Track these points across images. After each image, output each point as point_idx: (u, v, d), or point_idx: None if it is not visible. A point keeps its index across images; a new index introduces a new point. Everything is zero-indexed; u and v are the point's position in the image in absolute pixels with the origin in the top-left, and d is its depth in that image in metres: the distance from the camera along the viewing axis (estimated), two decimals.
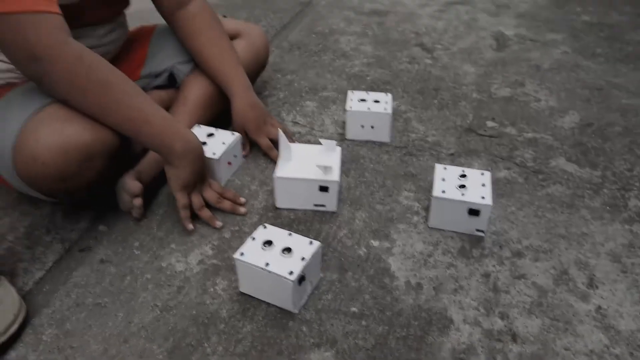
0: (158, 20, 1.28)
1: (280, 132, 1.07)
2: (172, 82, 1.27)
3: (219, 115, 1.25)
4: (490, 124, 1.38)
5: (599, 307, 0.90)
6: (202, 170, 1.03)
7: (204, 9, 1.22)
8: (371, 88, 1.54)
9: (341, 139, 1.31)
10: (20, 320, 0.84)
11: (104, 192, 1.05)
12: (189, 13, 1.20)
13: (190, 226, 1.03)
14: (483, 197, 1.00)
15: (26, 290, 0.93)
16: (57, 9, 0.88)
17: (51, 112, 0.91)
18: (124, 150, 1.01)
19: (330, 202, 1.07)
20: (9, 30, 0.84)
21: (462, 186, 1.02)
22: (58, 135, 0.89)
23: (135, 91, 0.96)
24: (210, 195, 1.05)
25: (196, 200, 1.03)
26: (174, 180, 1.01)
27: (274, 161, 1.20)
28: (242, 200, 1.10)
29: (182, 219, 1.04)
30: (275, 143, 1.21)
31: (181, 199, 1.02)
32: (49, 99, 0.93)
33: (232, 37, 1.29)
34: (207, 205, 1.05)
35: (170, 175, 1.00)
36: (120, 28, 1.18)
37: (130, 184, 1.03)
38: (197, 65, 1.23)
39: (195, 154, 1.00)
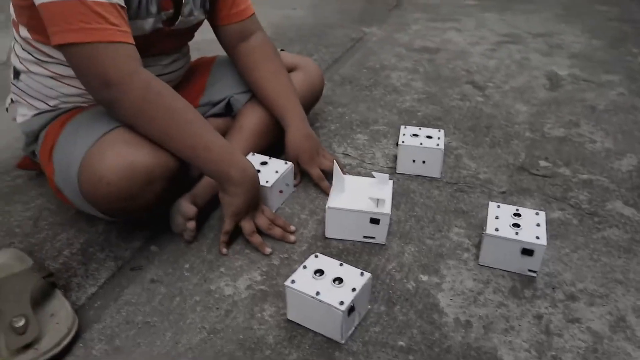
0: (214, 51, 1.34)
1: (335, 163, 1.09)
2: (228, 111, 1.30)
3: (273, 144, 1.28)
4: (543, 163, 1.36)
5: None
6: (255, 199, 1.05)
7: (265, 42, 1.26)
8: (422, 123, 1.55)
9: (391, 172, 1.31)
10: (72, 333, 0.86)
11: (158, 213, 1.08)
12: (250, 46, 1.24)
13: (225, 250, 1.05)
14: (538, 237, 0.98)
15: (79, 304, 0.95)
16: (131, 40, 0.93)
17: (117, 136, 0.95)
18: (182, 173, 1.04)
19: (380, 234, 1.07)
20: (87, 58, 0.90)
21: (516, 225, 1.01)
22: (123, 157, 0.92)
23: (197, 119, 0.99)
24: (262, 221, 1.07)
25: (247, 225, 1.05)
26: (227, 206, 1.03)
27: (324, 192, 1.21)
28: (292, 228, 1.11)
29: (220, 242, 1.06)
30: (326, 174, 1.23)
31: (227, 224, 1.04)
32: (115, 123, 0.97)
33: (290, 69, 1.32)
34: (258, 231, 1.07)
35: (224, 202, 1.03)
36: (183, 58, 1.23)
37: (186, 207, 1.06)
38: (255, 95, 1.27)
39: (250, 183, 1.02)
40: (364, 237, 1.08)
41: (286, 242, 1.09)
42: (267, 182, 1.13)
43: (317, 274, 0.89)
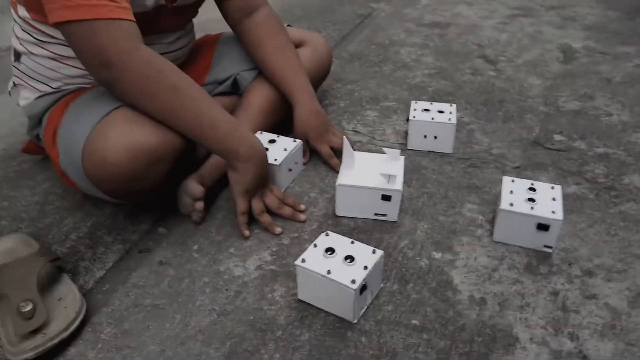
0: (219, 31, 1.30)
1: (345, 139, 1.06)
2: (235, 89, 1.28)
3: (281, 122, 1.25)
4: (558, 137, 1.33)
5: None
6: (264, 176, 1.03)
7: (271, 17, 1.22)
8: (433, 99, 1.51)
9: (402, 148, 1.29)
10: (81, 317, 0.85)
11: (165, 195, 1.07)
12: (255, 21, 1.21)
13: (247, 232, 1.03)
14: (554, 212, 0.95)
15: (87, 288, 0.94)
16: (131, 16, 0.90)
17: (121, 115, 0.93)
18: (189, 153, 1.02)
19: (391, 211, 1.05)
20: (84, 37, 0.87)
21: (531, 199, 0.98)
22: (127, 137, 0.90)
23: (202, 96, 0.97)
24: (271, 200, 1.05)
25: (257, 205, 1.03)
26: (237, 184, 1.01)
27: (334, 169, 1.19)
28: (302, 207, 1.09)
29: (239, 224, 1.03)
30: (335, 152, 1.20)
31: (241, 204, 1.02)
32: (119, 102, 0.95)
33: (297, 45, 1.29)
34: (267, 210, 1.05)
35: (233, 179, 1.01)
36: (188, 35, 1.20)
37: (193, 187, 1.04)
38: (262, 72, 1.24)
39: (259, 159, 1.00)
40: (376, 214, 1.06)
41: (296, 221, 1.07)
42: (275, 160, 1.10)
43: (328, 253, 0.87)
